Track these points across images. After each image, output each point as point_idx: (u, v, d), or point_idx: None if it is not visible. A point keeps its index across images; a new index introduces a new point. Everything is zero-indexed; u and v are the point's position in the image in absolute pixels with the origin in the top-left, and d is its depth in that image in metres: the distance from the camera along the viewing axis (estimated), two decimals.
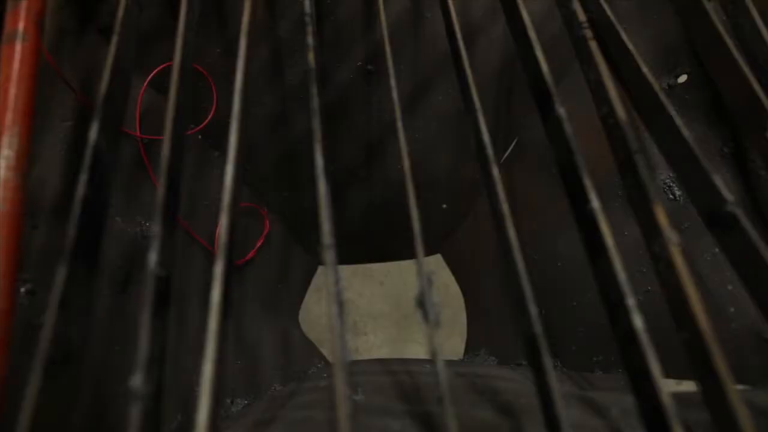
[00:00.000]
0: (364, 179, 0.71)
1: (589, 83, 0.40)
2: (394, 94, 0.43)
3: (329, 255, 0.30)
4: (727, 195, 0.33)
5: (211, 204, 0.67)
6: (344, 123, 0.67)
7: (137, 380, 0.26)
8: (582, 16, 0.42)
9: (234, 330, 0.63)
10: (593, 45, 0.40)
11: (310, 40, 0.40)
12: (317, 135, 0.35)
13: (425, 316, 0.30)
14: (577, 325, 0.61)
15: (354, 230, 0.77)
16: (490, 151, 0.36)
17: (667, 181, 0.55)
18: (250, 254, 0.71)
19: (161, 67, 0.58)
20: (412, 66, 0.64)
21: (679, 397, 0.37)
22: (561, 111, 0.36)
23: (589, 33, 0.41)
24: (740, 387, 0.31)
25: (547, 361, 0.28)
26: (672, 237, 0.32)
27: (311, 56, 0.38)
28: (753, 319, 0.45)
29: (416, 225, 0.32)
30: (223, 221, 0.32)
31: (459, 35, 0.46)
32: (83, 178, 0.32)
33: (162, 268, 0.30)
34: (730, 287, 0.47)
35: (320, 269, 0.85)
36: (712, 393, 0.29)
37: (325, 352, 0.83)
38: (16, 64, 0.37)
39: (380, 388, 0.47)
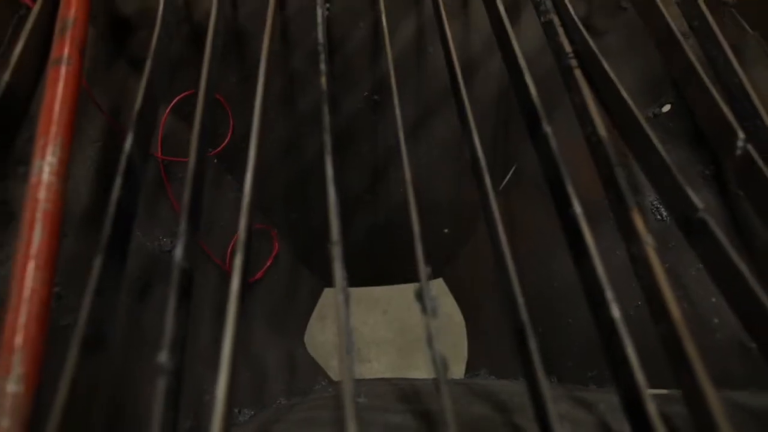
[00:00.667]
0: (369, 202, 0.75)
1: (575, 107, 0.44)
2: (399, 123, 0.47)
3: (336, 250, 0.34)
4: (698, 203, 0.36)
5: (225, 225, 0.71)
6: (352, 149, 0.72)
7: (163, 356, 0.30)
8: (568, 48, 0.47)
9: (242, 343, 0.66)
10: (578, 72, 0.45)
11: (322, 66, 0.44)
12: (328, 147, 0.38)
13: (423, 306, 0.33)
14: (572, 343, 0.63)
15: (359, 252, 0.80)
16: (482, 162, 0.39)
17: (655, 202, 0.59)
18: (259, 274, 0.74)
19: (183, 95, 0.63)
20: (416, 97, 0.69)
21: (662, 397, 0.40)
22: (547, 129, 0.40)
23: (574, 62, 0.45)
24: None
25: (533, 345, 0.31)
26: (648, 239, 0.35)
27: (323, 80, 0.43)
28: (736, 328, 0.47)
29: (416, 227, 0.35)
30: (242, 223, 0.35)
31: (458, 68, 0.50)
32: (118, 181, 0.36)
33: (186, 262, 0.34)
34: (713, 300, 0.50)
35: (325, 292, 0.87)
36: (685, 379, 0.31)
37: (330, 373, 0.85)
38: (60, 85, 0.41)
39: (382, 395, 0.50)
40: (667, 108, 0.59)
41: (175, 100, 0.62)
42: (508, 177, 0.79)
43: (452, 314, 1.02)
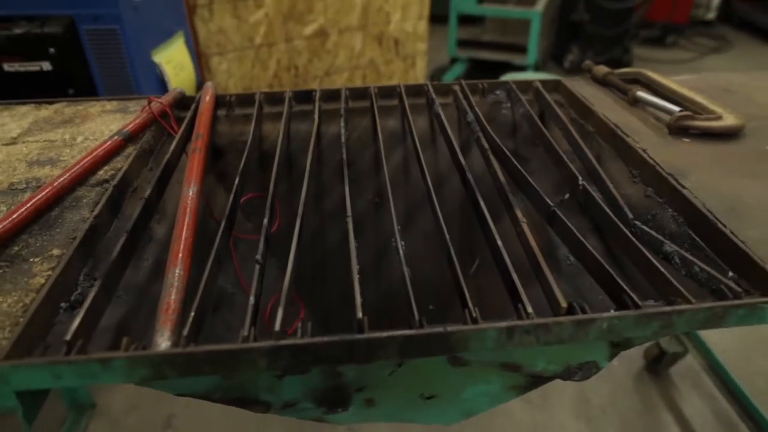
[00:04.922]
0: (373, 276, 1.02)
1: (489, 170, 0.75)
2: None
3: (349, 222, 0.62)
4: (550, 202, 0.65)
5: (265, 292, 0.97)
6: (360, 237, 1.01)
7: (258, 255, 0.56)
8: (486, 146, 0.80)
9: None
10: (490, 153, 0.77)
11: (345, 163, 0.77)
12: (347, 191, 0.69)
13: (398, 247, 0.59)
14: None
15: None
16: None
17: (566, 254, 0.86)
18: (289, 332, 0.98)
19: (249, 196, 0.95)
20: (405, 199, 1.00)
21: None
22: (470, 176, 0.71)
23: (489, 152, 0.78)
24: None
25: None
26: (524, 220, 0.63)
27: (344, 155, 0.75)
28: None
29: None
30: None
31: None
32: (229, 202, 0.66)
33: (270, 225, 0.62)
34: (600, 297, 0.74)
35: None
36: (539, 277, 0.57)
37: None
38: (196, 159, 0.74)
39: None
40: (567, 196, 0.90)
41: (245, 198, 0.94)
42: (475, 265, 1.07)
43: None
